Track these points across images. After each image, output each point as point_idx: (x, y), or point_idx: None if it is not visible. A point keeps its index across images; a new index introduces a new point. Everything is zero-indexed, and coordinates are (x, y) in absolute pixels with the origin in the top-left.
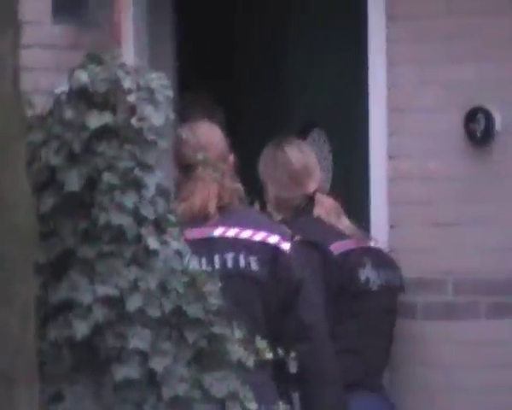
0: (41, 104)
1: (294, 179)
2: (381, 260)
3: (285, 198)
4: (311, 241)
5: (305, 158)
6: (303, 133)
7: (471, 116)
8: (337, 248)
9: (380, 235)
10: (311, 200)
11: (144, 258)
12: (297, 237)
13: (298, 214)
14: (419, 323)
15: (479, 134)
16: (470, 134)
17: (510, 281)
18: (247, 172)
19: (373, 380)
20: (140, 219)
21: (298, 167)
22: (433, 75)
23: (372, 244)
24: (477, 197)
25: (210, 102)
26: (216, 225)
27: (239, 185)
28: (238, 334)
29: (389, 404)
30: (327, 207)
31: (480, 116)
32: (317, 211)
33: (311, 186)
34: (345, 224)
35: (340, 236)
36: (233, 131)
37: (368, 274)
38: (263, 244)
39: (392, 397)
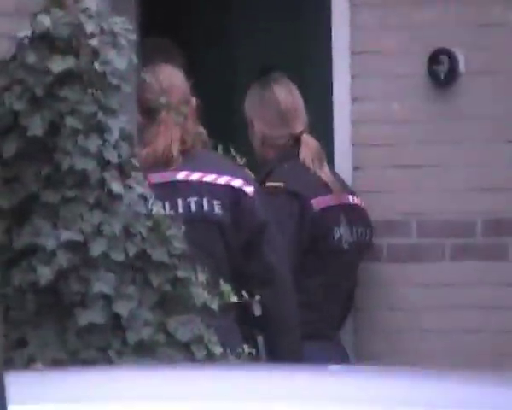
0: (3, 49)
1: (282, 119)
2: (356, 216)
3: (271, 136)
4: (294, 191)
5: (293, 98)
6: (263, 75)
7: (434, 58)
8: (318, 203)
9: (344, 177)
10: (296, 140)
11: (108, 202)
12: (280, 184)
13: (283, 157)
14: (384, 265)
15: (442, 76)
16: (433, 76)
17: (473, 223)
18: (208, 117)
19: (331, 332)
20: (103, 164)
21: (286, 107)
22: (395, 17)
23: (350, 199)
24: (440, 139)
25: (171, 47)
26: (179, 169)
27: (202, 129)
28: (202, 277)
29: (343, 351)
30: (312, 149)
31: (444, 58)
32: (303, 153)
33: (298, 127)
34: (326, 172)
35: (322, 188)
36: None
37: (341, 232)
38: (226, 188)
39: (357, 339)
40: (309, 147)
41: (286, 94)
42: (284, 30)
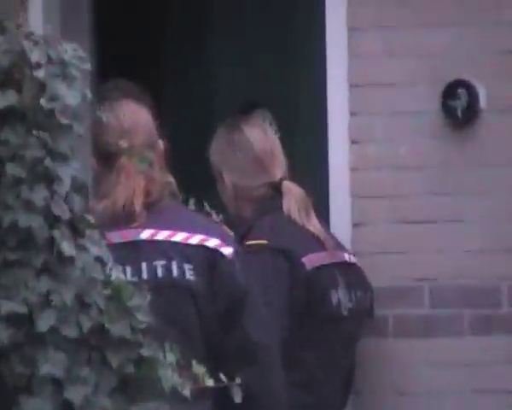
0: None
1: (257, 165)
2: (354, 278)
3: (246, 187)
4: (281, 248)
5: (269, 140)
6: (245, 113)
7: (450, 91)
8: (310, 261)
9: (341, 236)
10: (276, 190)
11: (58, 267)
12: (263, 242)
13: (263, 210)
14: (390, 341)
15: (460, 113)
16: (449, 113)
17: (497, 289)
18: (178, 164)
19: None
20: (52, 220)
21: (260, 150)
22: (402, 43)
23: (346, 257)
24: (457, 189)
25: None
26: (143, 227)
27: (170, 178)
28: (171, 357)
29: None
30: (297, 198)
31: (462, 91)
32: (287, 204)
33: (277, 173)
34: (314, 224)
35: (314, 244)
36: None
37: (340, 296)
38: (200, 249)
39: None
40: (293, 195)
41: (260, 136)
42: (271, 60)
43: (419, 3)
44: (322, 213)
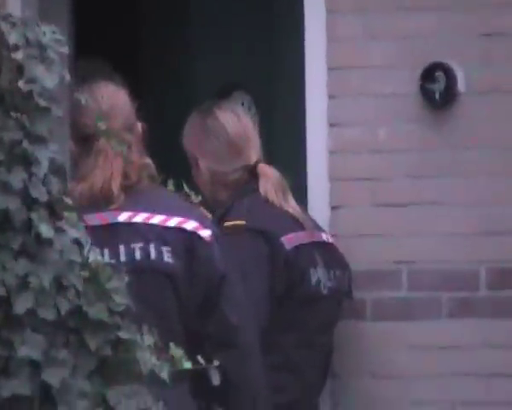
0: None
1: (232, 149)
2: (333, 258)
3: (222, 172)
4: (259, 228)
5: (242, 123)
6: (223, 97)
7: (428, 74)
8: (290, 241)
9: (319, 218)
10: (252, 173)
11: (36, 249)
12: (242, 222)
13: (240, 193)
14: (368, 324)
15: (438, 96)
16: (427, 96)
17: (476, 273)
18: (157, 146)
19: (309, 401)
20: (30, 202)
21: (235, 134)
22: (381, 26)
23: (324, 237)
24: (436, 172)
25: (109, 69)
26: (121, 209)
27: (148, 160)
28: (149, 340)
29: None
30: (273, 181)
31: (439, 74)
32: (264, 186)
33: (252, 156)
34: (292, 205)
35: (292, 224)
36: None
37: (319, 275)
38: (178, 231)
39: None
40: (269, 178)
41: (233, 120)
42: (249, 42)
43: None
44: (302, 195)
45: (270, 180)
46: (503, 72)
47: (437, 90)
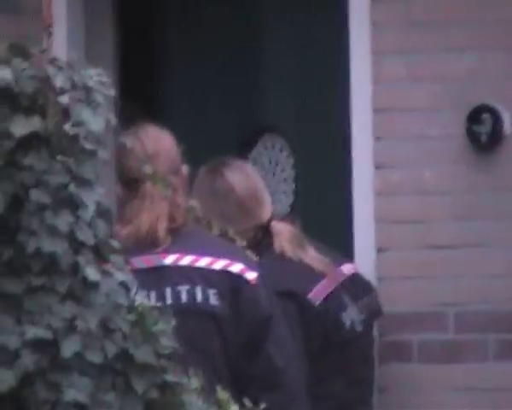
0: None
1: (242, 209)
2: (358, 289)
3: (234, 232)
4: (287, 291)
5: (251, 182)
6: (250, 141)
7: (474, 116)
8: (317, 295)
9: (365, 261)
10: (266, 230)
11: (82, 292)
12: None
13: (257, 253)
14: (415, 367)
15: (484, 138)
16: (473, 138)
17: None
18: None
19: None
20: (76, 246)
21: (244, 194)
22: (426, 66)
23: (345, 270)
24: (481, 214)
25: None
26: (167, 252)
27: (194, 203)
28: (196, 382)
29: None
30: (288, 237)
31: (486, 116)
32: (279, 244)
33: (264, 215)
34: (312, 255)
35: (315, 276)
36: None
37: (351, 315)
38: (224, 274)
39: None
40: (282, 234)
41: (242, 179)
42: (296, 82)
43: (443, 27)
44: (347, 238)
45: (283, 237)
46: None
47: (483, 131)
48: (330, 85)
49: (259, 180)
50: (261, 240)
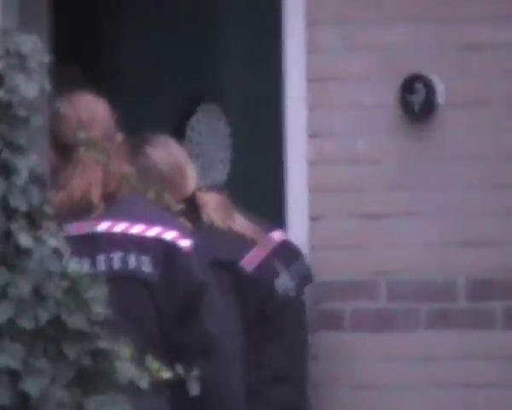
0: None
1: (166, 184)
2: (288, 255)
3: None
4: (219, 260)
5: (173, 156)
6: (189, 109)
7: (408, 86)
8: (249, 262)
9: (298, 229)
10: (191, 202)
11: (15, 258)
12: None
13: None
14: (347, 335)
15: (417, 107)
16: (407, 107)
17: (453, 284)
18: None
19: (305, 406)
20: (9, 212)
21: (167, 170)
22: (360, 38)
23: (275, 237)
24: (414, 184)
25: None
26: (100, 219)
27: (128, 169)
28: (128, 349)
29: None
30: (215, 206)
31: (419, 86)
32: (207, 214)
33: (188, 187)
34: (241, 223)
35: (246, 243)
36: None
37: (284, 282)
38: (157, 241)
39: None
40: (209, 204)
41: (163, 155)
42: (227, 51)
43: None
44: (280, 207)
45: (210, 205)
46: (481, 84)
47: (416, 101)
48: (266, 55)
49: (182, 154)
50: (188, 212)
